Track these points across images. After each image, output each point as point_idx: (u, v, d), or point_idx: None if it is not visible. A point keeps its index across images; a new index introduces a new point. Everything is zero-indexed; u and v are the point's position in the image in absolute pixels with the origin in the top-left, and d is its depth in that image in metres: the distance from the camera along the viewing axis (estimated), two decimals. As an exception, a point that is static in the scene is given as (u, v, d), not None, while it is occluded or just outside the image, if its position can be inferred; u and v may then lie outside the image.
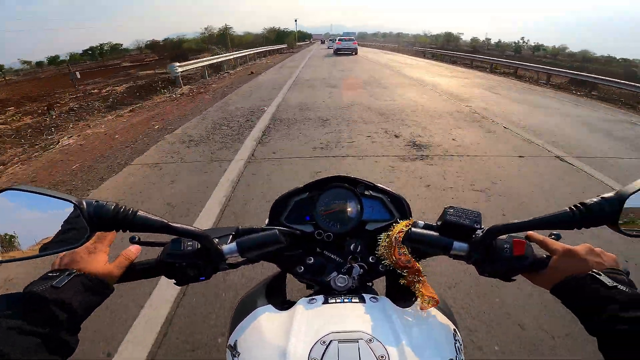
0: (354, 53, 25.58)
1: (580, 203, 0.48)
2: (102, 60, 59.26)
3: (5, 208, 0.45)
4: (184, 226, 0.52)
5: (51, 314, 0.42)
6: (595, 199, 0.47)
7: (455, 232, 0.56)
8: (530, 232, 0.59)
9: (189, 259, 0.56)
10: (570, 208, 0.48)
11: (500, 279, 0.58)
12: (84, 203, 0.45)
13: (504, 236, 0.55)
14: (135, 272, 0.58)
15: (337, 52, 25.80)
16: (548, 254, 0.56)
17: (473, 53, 28.60)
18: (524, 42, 66.40)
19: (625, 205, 0.45)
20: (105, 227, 0.46)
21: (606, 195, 0.47)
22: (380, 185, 0.73)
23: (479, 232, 0.55)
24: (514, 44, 64.98)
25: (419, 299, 0.58)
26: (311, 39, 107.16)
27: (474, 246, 0.55)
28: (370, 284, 0.71)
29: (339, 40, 27.32)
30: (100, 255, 0.54)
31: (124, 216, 0.46)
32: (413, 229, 0.58)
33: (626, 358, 0.42)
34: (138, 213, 0.47)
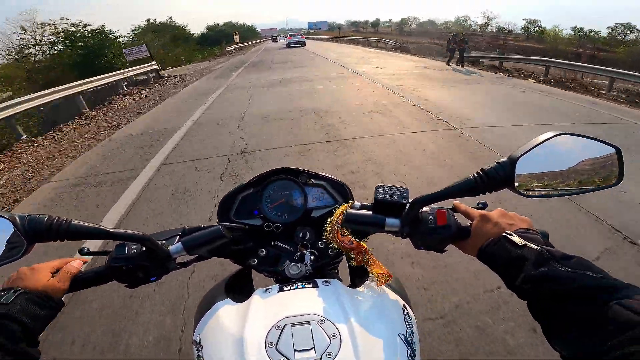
0: (302, 45, 32.16)
1: (480, 170, 0.52)
2: None
3: None
4: (124, 231, 0.54)
5: (5, 328, 0.44)
6: (491, 165, 0.52)
7: (387, 209, 0.61)
8: (455, 202, 0.63)
9: (135, 261, 0.57)
10: (473, 175, 0.53)
11: (433, 250, 0.62)
12: (17, 217, 0.47)
13: (427, 208, 0.60)
14: (86, 280, 0.59)
15: (289, 46, 32.02)
16: (471, 222, 0.60)
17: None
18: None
19: (518, 168, 0.50)
20: (41, 239, 0.48)
21: (500, 160, 0.52)
22: (321, 173, 0.77)
23: (407, 207, 0.60)
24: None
25: (370, 277, 0.62)
26: (261, 37, 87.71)
27: (404, 220, 0.60)
28: (336, 271, 0.75)
29: (290, 35, 37.06)
30: (43, 272, 0.55)
31: (58, 226, 0.48)
32: (348, 210, 0.62)
33: (546, 320, 0.41)
34: (72, 222, 0.49)
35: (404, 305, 0.59)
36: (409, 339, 0.52)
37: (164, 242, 0.60)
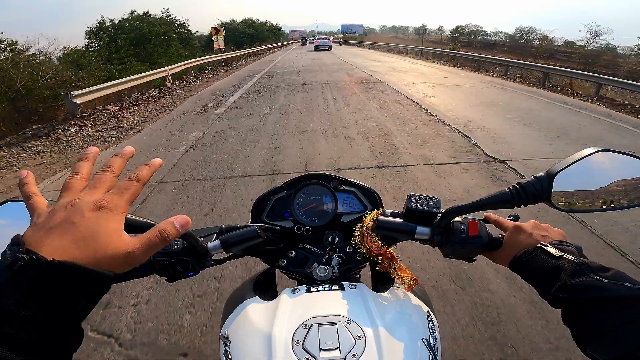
0: (329, 49, 32.07)
1: (517, 183, 0.53)
2: None
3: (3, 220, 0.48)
4: None
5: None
6: (529, 179, 0.53)
7: (418, 218, 0.62)
8: (486, 213, 0.65)
9: (177, 256, 0.60)
10: (509, 188, 0.54)
11: (462, 260, 0.64)
12: None
13: (459, 218, 0.61)
14: (127, 272, 0.61)
15: (316, 49, 32.26)
16: (503, 233, 0.61)
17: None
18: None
19: (555, 182, 0.50)
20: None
21: (537, 175, 0.52)
22: (353, 180, 0.79)
23: (438, 216, 0.61)
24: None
25: (395, 283, 0.63)
26: (290, 38, 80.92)
27: (435, 229, 0.61)
28: (357, 276, 0.77)
29: (317, 39, 36.15)
30: (116, 219, 0.34)
31: None
32: (380, 217, 0.64)
33: (582, 327, 0.42)
34: (127, 216, 0.51)
35: (427, 311, 0.60)
36: (431, 344, 0.53)
37: (202, 239, 0.64)
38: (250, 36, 41.66)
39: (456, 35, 62.53)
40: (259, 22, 51.19)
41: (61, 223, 0.32)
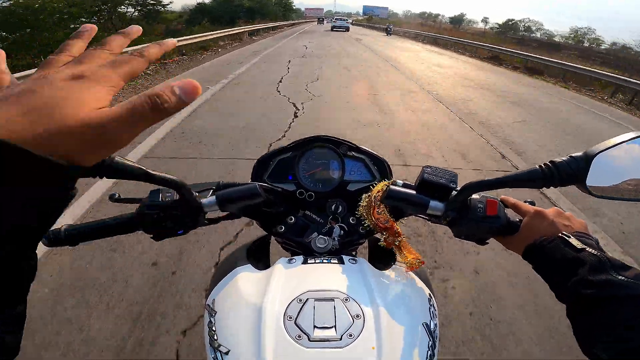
0: (346, 30, 30.98)
1: (550, 161, 0.49)
2: None
3: None
4: (163, 174, 0.52)
5: None
6: (564, 158, 0.48)
7: (432, 191, 0.57)
8: (503, 196, 0.61)
9: (168, 209, 0.56)
10: (540, 166, 0.49)
11: (474, 242, 0.60)
12: None
13: (477, 196, 0.57)
14: (109, 228, 0.57)
15: (333, 29, 31.19)
16: (521, 217, 0.57)
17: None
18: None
19: (592, 165, 0.46)
20: (83, 173, 0.46)
21: (575, 154, 0.48)
22: (363, 147, 0.74)
23: (454, 192, 0.57)
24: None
25: (398, 262, 0.59)
26: (304, 16, 75.61)
27: (450, 205, 0.56)
28: (354, 252, 0.73)
29: (335, 19, 37.43)
30: (98, 91, 0.24)
31: (102, 161, 0.45)
32: (391, 187, 0.59)
33: (592, 323, 0.41)
34: (116, 158, 0.46)
35: (429, 294, 0.57)
36: (431, 329, 0.50)
37: (197, 194, 0.59)
38: (248, 10, 31.15)
39: (506, 30, 54.71)
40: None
41: (19, 93, 0.22)
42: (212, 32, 12.63)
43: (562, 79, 10.76)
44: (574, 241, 0.47)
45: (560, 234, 0.49)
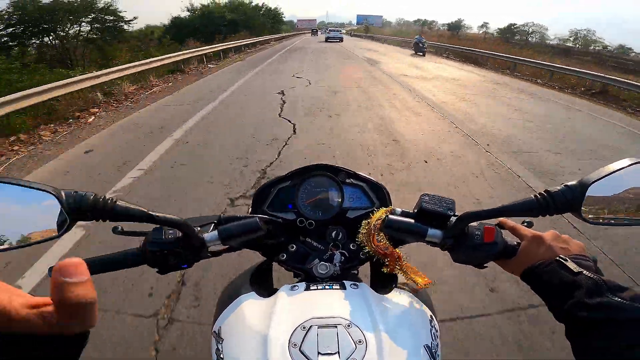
0: (340, 41, 30.50)
1: (545, 191, 0.49)
2: None
3: None
4: (165, 215, 0.53)
5: None
6: (559, 187, 0.49)
7: (430, 219, 0.58)
8: (502, 219, 0.61)
9: (171, 246, 0.57)
10: (535, 196, 0.50)
11: (473, 266, 0.60)
12: (63, 194, 0.44)
13: (475, 223, 0.57)
14: (115, 262, 0.58)
15: (327, 40, 31.20)
16: (519, 240, 0.58)
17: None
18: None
19: (588, 194, 0.47)
20: (85, 217, 0.46)
21: (569, 183, 0.48)
22: (362, 174, 0.75)
23: (452, 219, 0.57)
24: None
25: (398, 284, 0.60)
26: (296, 28, 73.41)
27: (448, 232, 0.57)
28: (355, 271, 0.73)
29: (329, 30, 35.87)
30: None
31: (103, 206, 0.46)
32: (390, 216, 0.60)
33: (589, 344, 0.42)
34: (118, 202, 0.47)
35: (430, 316, 0.57)
36: (433, 351, 0.50)
37: (199, 229, 0.60)
38: (231, 23, 27.78)
39: (508, 35, 50.89)
40: (251, 4, 37.36)
41: None
42: (117, 68, 7.16)
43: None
44: (570, 264, 0.47)
45: (557, 258, 0.49)
